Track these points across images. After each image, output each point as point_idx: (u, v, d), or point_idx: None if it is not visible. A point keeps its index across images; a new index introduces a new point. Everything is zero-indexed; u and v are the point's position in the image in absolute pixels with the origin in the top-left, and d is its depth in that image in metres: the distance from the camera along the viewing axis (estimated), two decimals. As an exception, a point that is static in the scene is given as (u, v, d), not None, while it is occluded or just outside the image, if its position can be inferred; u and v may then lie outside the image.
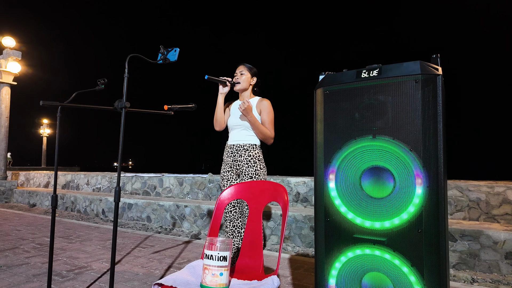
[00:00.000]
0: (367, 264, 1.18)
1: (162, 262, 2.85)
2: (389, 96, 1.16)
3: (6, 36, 8.18)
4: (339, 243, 1.23)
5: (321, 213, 1.28)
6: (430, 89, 1.09)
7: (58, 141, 1.95)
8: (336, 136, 1.26)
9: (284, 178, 4.72)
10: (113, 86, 2.46)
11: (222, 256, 1.26)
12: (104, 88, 2.18)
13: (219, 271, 1.26)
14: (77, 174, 7.79)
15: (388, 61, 1.26)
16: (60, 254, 3.04)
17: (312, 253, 3.41)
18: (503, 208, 3.31)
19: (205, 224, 4.50)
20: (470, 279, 2.63)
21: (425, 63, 1.12)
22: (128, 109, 1.81)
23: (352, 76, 1.24)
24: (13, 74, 8.15)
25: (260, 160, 2.42)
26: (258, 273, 1.51)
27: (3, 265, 2.67)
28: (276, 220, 3.87)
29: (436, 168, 1.07)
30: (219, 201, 1.69)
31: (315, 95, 1.33)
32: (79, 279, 2.36)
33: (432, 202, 1.07)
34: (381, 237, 1.15)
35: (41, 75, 18.98)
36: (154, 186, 6.07)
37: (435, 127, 1.08)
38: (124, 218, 5.34)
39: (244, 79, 2.46)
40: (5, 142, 8.04)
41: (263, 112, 2.41)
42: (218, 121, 2.51)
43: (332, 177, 1.26)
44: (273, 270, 2.63)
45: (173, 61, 1.96)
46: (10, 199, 7.83)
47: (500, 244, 2.76)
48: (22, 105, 46.05)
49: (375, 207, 1.17)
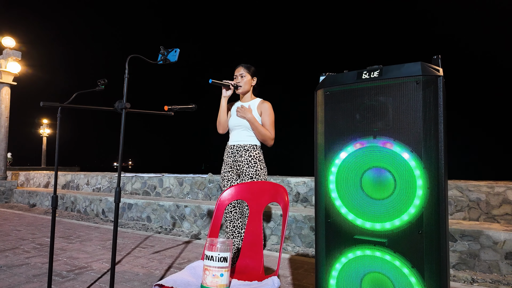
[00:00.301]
0: (368, 265, 1.18)
1: (162, 262, 2.85)
2: (390, 97, 1.16)
3: (6, 36, 8.18)
4: (339, 244, 1.23)
5: (322, 214, 1.28)
6: (431, 90, 1.09)
7: (58, 142, 1.95)
8: (336, 137, 1.26)
9: (284, 178, 4.72)
10: (113, 86, 2.46)
11: (222, 257, 1.26)
12: (104, 88, 2.18)
13: (219, 272, 1.26)
14: (77, 174, 7.79)
15: (389, 62, 1.26)
16: (60, 255, 3.03)
17: (312, 253, 3.41)
18: (503, 208, 3.31)
19: (205, 224, 4.50)
20: (470, 279, 2.63)
21: (426, 64, 1.12)
22: (128, 110, 1.81)
23: (352, 77, 1.24)
24: (13, 74, 8.15)
25: (260, 161, 2.43)
26: (258, 273, 1.51)
27: (3, 265, 2.67)
28: (276, 220, 3.87)
29: (437, 169, 1.07)
30: (219, 202, 1.69)
31: (315, 96, 1.33)
32: (79, 280, 2.36)
33: (433, 204, 1.07)
34: (382, 238, 1.15)
35: (41, 75, 18.99)
36: (154, 186, 6.07)
37: (436, 128, 1.08)
38: (124, 218, 5.34)
39: (246, 82, 2.46)
40: (5, 142, 8.04)
41: (264, 114, 2.42)
42: (221, 124, 2.52)
43: (332, 178, 1.26)
44: (273, 271, 2.63)
45: (173, 61, 1.96)
46: (10, 199, 7.83)
47: (500, 244, 2.76)
48: (22, 105, 46.04)
49: (375, 208, 1.17)
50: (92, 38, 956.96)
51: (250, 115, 2.37)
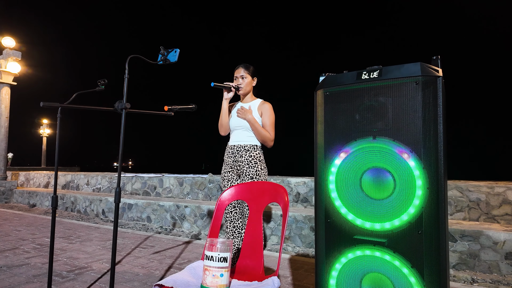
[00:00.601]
0: (367, 265, 1.18)
1: (163, 262, 2.85)
2: (390, 97, 1.16)
3: (6, 36, 8.18)
4: (339, 244, 1.24)
5: (322, 214, 1.28)
6: (431, 90, 1.09)
7: (59, 142, 1.95)
8: (336, 137, 1.26)
9: (284, 178, 4.72)
10: (114, 86, 2.46)
11: (222, 257, 1.27)
12: (105, 88, 2.18)
13: (219, 272, 1.26)
14: (77, 174, 7.79)
15: (389, 62, 1.26)
16: (60, 255, 3.04)
17: (312, 253, 3.41)
18: (503, 209, 3.31)
19: (205, 224, 4.50)
20: (470, 280, 2.63)
21: (426, 65, 1.12)
22: (128, 110, 1.81)
23: (352, 77, 1.24)
24: (13, 74, 8.16)
25: (261, 161, 2.43)
26: (258, 274, 1.51)
27: (3, 265, 2.67)
28: (276, 220, 3.87)
29: (436, 169, 1.07)
30: (220, 202, 1.69)
31: (315, 97, 1.33)
32: (79, 280, 2.36)
33: (432, 204, 1.08)
34: (381, 238, 1.15)
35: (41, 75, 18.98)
36: (154, 186, 6.08)
37: (435, 128, 1.08)
38: (124, 218, 5.34)
39: (247, 83, 2.47)
40: (5, 142, 8.04)
41: (264, 115, 2.43)
42: (223, 126, 2.53)
43: (332, 178, 1.27)
44: (273, 271, 2.63)
45: (173, 61, 1.97)
46: (10, 199, 7.83)
47: (500, 244, 2.76)
48: (22, 105, 46.05)
49: (375, 208, 1.17)
50: (94, 38, 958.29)
51: (250, 116, 2.38)
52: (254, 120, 2.38)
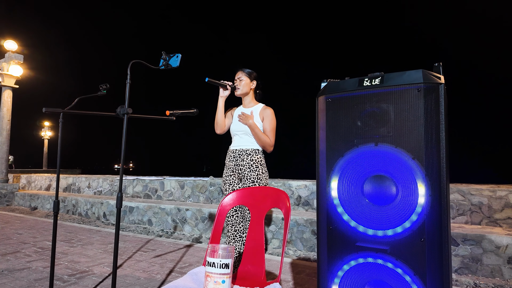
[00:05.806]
0: (370, 272, 1.17)
1: (164, 266, 2.85)
2: (392, 104, 1.16)
3: (8, 39, 8.22)
4: (341, 251, 1.23)
5: (324, 220, 1.28)
6: (432, 98, 1.09)
7: (61, 146, 1.96)
8: (338, 144, 1.26)
9: (285, 181, 4.72)
10: (116, 89, 2.46)
11: (224, 264, 1.26)
12: (107, 92, 2.19)
13: (221, 279, 1.26)
14: (78, 177, 7.79)
15: (391, 68, 1.26)
16: (62, 258, 3.04)
17: (313, 257, 3.40)
18: (505, 212, 3.30)
19: (206, 227, 4.49)
20: (473, 284, 2.62)
21: (427, 72, 1.12)
22: (130, 115, 1.82)
23: (354, 84, 1.24)
24: (15, 77, 8.18)
25: (262, 165, 2.43)
26: (260, 280, 1.51)
27: (4, 269, 2.67)
28: (278, 224, 3.87)
29: (439, 177, 1.07)
30: (221, 207, 1.69)
31: (317, 103, 1.33)
32: (80, 284, 2.36)
33: (435, 211, 1.07)
34: (384, 245, 1.15)
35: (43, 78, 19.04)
36: (155, 189, 6.08)
37: (438, 136, 1.08)
38: (125, 221, 5.34)
39: (244, 84, 2.48)
40: (6, 145, 8.06)
41: (266, 120, 2.43)
42: (219, 124, 2.53)
43: (334, 185, 1.26)
44: (275, 275, 2.62)
45: (175, 67, 1.97)
46: (11, 202, 7.84)
47: (502, 248, 2.75)
48: (24, 108, 46.12)
49: (377, 215, 1.17)
50: (97, 41, 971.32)
51: (251, 121, 2.39)
52: (254, 125, 2.38)
